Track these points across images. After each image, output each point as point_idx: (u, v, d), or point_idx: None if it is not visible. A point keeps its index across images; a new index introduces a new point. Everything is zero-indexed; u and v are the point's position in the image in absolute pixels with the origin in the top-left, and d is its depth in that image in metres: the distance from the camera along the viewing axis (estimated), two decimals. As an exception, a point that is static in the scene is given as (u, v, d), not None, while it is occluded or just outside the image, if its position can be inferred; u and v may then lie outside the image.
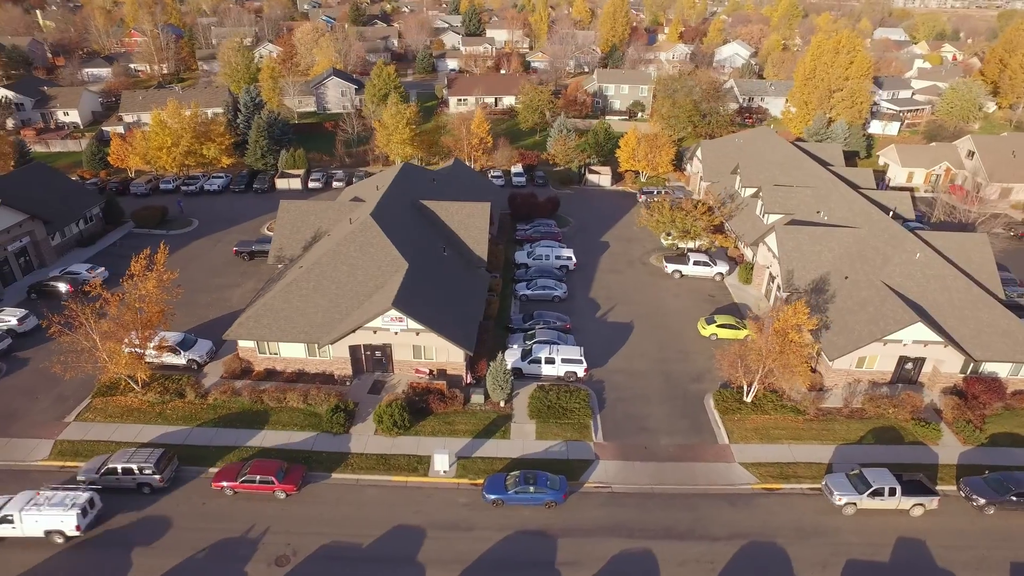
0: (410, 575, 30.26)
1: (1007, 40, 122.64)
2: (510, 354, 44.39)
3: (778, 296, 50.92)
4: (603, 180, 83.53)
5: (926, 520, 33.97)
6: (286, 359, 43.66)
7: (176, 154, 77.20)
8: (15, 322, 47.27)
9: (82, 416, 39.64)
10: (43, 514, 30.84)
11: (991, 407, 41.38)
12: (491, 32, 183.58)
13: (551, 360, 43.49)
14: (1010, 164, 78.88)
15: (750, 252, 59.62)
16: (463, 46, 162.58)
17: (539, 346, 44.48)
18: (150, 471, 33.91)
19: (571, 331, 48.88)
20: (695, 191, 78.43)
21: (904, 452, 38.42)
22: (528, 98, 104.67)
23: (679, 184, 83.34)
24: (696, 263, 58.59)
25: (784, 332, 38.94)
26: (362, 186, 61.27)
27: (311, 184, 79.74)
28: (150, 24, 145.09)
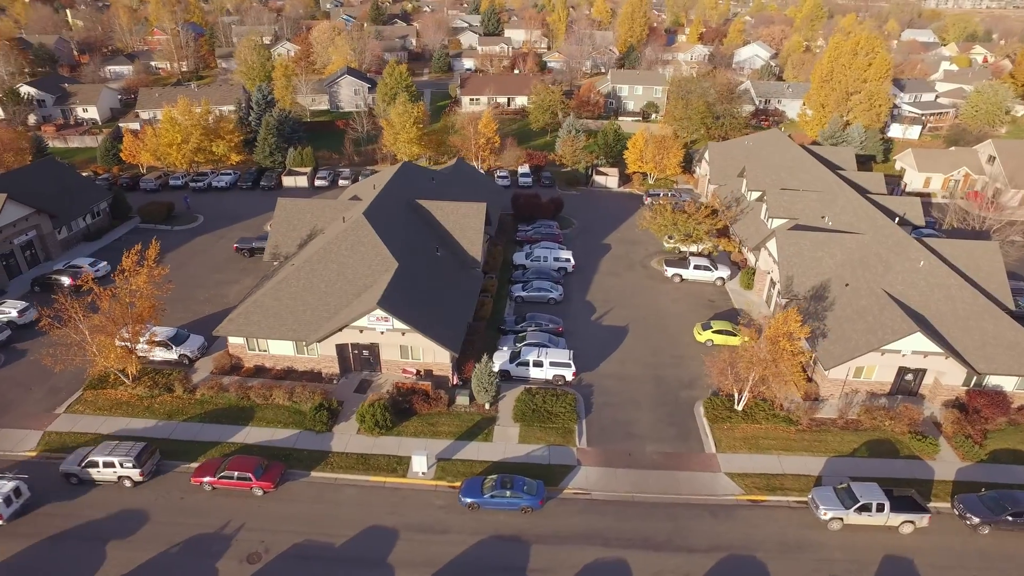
0: (379, 577, 30.06)
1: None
2: (499, 356, 44.00)
3: (778, 302, 49.81)
4: (610, 182, 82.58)
5: (916, 538, 32.77)
6: (275, 356, 43.79)
7: (186, 151, 78.28)
8: (15, 314, 48.16)
9: (72, 408, 40.14)
10: None
11: (994, 422, 39.83)
12: (509, 32, 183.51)
13: (539, 363, 42.96)
14: (1032, 170, 76.32)
15: (753, 257, 58.42)
16: (479, 46, 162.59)
17: (528, 348, 44.00)
18: (130, 465, 34.18)
19: (563, 334, 48.32)
20: (703, 194, 77.19)
21: (898, 466, 37.17)
22: (539, 98, 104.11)
23: (687, 187, 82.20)
24: (697, 267, 57.54)
25: (775, 340, 37.97)
26: (361, 185, 61.40)
27: (317, 182, 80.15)
28: (171, 22, 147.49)
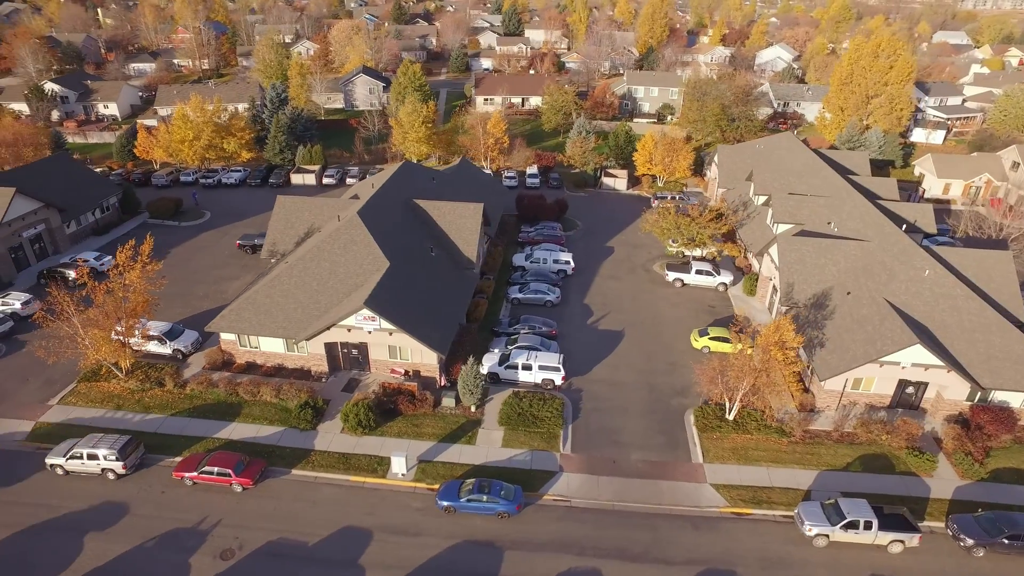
0: (349, 579, 29.88)
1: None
2: (488, 358, 43.61)
3: (779, 309, 48.60)
4: (619, 184, 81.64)
5: (905, 558, 31.59)
6: (266, 353, 43.97)
7: (197, 147, 79.29)
8: (19, 306, 49.12)
9: (65, 400, 40.76)
10: None
11: (997, 439, 38.19)
12: (529, 32, 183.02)
13: (528, 366, 42.48)
14: (1058, 177, 73.52)
15: (757, 262, 57.17)
16: (498, 45, 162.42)
17: (517, 351, 43.55)
18: (114, 458, 34.53)
19: (557, 337, 47.75)
20: (712, 197, 75.91)
21: (892, 483, 35.88)
22: (552, 99, 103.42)
23: (697, 190, 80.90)
24: (699, 272, 56.46)
25: (767, 348, 36.98)
26: (361, 184, 61.49)
27: (325, 180, 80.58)
28: (194, 21, 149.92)
